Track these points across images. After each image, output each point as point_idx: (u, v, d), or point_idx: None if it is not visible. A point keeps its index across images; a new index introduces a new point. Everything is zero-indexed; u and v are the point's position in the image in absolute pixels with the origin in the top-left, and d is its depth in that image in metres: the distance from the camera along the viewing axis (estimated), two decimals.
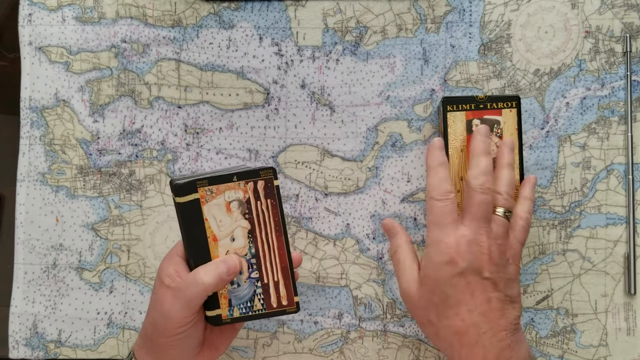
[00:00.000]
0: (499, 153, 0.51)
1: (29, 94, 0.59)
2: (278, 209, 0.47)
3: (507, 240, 0.48)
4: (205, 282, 0.45)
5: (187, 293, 0.45)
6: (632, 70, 0.57)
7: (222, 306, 0.47)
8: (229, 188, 0.46)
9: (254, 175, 0.46)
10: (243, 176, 0.46)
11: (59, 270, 0.58)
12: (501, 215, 0.48)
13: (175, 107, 0.58)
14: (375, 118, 0.58)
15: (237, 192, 0.46)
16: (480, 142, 0.50)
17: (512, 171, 0.50)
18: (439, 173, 0.49)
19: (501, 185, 0.49)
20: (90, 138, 0.58)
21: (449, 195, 0.48)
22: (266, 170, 0.47)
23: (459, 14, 0.58)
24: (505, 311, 0.46)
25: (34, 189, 0.58)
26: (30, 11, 0.59)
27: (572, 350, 0.56)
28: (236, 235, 0.47)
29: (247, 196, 0.47)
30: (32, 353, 0.57)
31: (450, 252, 0.46)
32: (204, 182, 0.46)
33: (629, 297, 0.56)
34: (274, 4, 0.58)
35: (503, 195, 0.49)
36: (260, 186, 0.47)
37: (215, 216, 0.47)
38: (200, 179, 0.46)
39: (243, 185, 0.47)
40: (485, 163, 0.49)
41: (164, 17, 0.58)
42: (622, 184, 0.57)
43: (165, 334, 0.46)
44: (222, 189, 0.46)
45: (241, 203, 0.47)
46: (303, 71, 0.58)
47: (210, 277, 0.45)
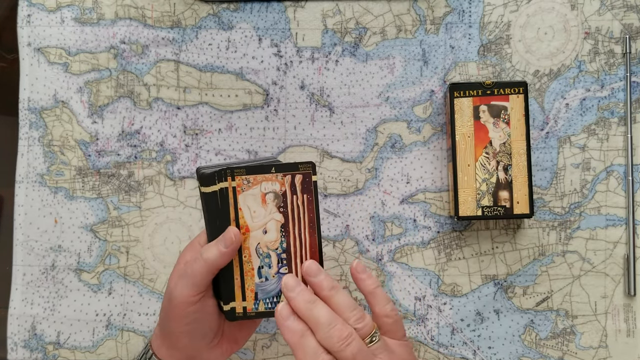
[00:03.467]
0: (311, 287, 0.45)
1: (27, 95, 0.58)
2: (314, 205, 0.46)
3: (393, 356, 0.44)
4: (204, 257, 0.44)
5: (188, 271, 0.45)
6: (632, 71, 0.57)
7: (247, 299, 0.46)
8: (266, 179, 0.45)
9: (292, 168, 0.45)
10: (281, 168, 0.45)
11: (58, 271, 0.58)
12: (374, 342, 0.43)
13: (175, 108, 0.58)
14: (374, 119, 0.58)
15: (274, 184, 0.46)
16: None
17: (338, 294, 0.45)
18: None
19: (346, 318, 0.44)
20: (89, 139, 0.58)
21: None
22: (305, 165, 0.45)
23: (459, 15, 0.58)
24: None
25: (33, 190, 0.58)
26: (29, 12, 0.59)
27: (572, 352, 0.56)
28: (269, 228, 0.46)
29: (284, 189, 0.46)
30: (31, 355, 0.57)
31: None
32: (241, 171, 0.45)
33: (628, 298, 0.56)
34: (273, 5, 0.58)
35: (358, 327, 0.44)
36: (297, 180, 0.46)
37: (250, 206, 0.46)
38: (239, 167, 0.45)
39: (281, 178, 0.45)
40: (322, 316, 0.43)
41: (163, 18, 0.58)
42: (621, 185, 0.57)
43: (174, 318, 0.45)
44: (259, 179, 0.45)
45: (277, 196, 0.46)
46: (302, 72, 0.58)
47: (210, 252, 0.44)
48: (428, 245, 0.57)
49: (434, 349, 0.57)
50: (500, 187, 0.53)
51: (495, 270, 0.57)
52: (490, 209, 0.53)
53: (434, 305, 0.57)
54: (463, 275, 0.57)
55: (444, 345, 0.56)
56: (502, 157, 0.53)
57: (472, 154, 0.53)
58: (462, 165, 0.53)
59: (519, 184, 0.53)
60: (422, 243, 0.57)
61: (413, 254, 0.57)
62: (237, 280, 0.46)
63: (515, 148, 0.53)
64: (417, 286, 0.57)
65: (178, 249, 0.58)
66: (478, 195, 0.53)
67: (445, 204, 0.57)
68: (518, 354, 0.56)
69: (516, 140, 0.53)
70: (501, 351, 0.56)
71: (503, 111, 0.53)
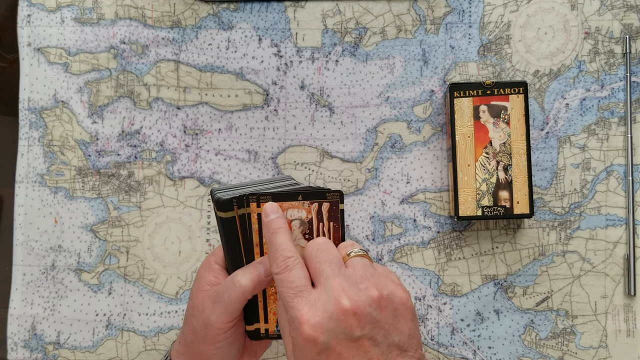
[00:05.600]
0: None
1: (27, 95, 0.58)
2: (340, 233, 0.45)
3: (376, 277, 0.39)
4: (242, 284, 0.43)
5: (225, 297, 0.44)
6: (632, 71, 0.57)
7: (270, 321, 0.46)
8: (293, 207, 0.44)
9: (320, 196, 0.44)
10: (309, 196, 0.44)
11: (58, 271, 0.58)
12: (356, 255, 0.41)
13: (175, 108, 0.58)
14: (374, 119, 0.58)
15: (300, 211, 0.45)
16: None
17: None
18: (274, 242, 0.42)
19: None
20: (89, 139, 0.58)
21: (287, 263, 0.40)
22: (333, 193, 0.45)
23: (459, 15, 0.58)
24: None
25: (33, 190, 0.58)
26: (29, 12, 0.59)
27: (572, 352, 0.56)
28: None
29: (310, 217, 0.45)
30: (31, 355, 0.57)
31: (305, 329, 0.37)
32: (267, 198, 0.44)
33: (628, 298, 0.56)
34: (273, 5, 0.58)
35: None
36: (324, 208, 0.45)
37: None
38: (264, 194, 0.44)
39: (307, 206, 0.44)
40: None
41: (163, 18, 0.58)
42: (621, 185, 0.57)
43: (207, 341, 0.44)
44: (285, 206, 0.44)
45: (303, 223, 0.45)
46: (302, 72, 0.58)
47: (247, 279, 0.43)
48: (428, 245, 0.57)
49: (434, 349, 0.57)
50: (500, 187, 0.53)
51: (495, 270, 0.57)
52: (490, 209, 0.53)
53: (434, 305, 0.57)
54: (463, 275, 0.57)
55: (444, 345, 0.56)
56: (502, 157, 0.53)
57: (472, 154, 0.53)
58: (462, 165, 0.53)
59: (519, 184, 0.53)
60: (422, 243, 0.57)
61: (413, 254, 0.57)
62: (260, 303, 0.46)
63: (515, 148, 0.53)
64: (417, 286, 0.57)
65: (178, 249, 0.58)
66: (478, 195, 0.53)
67: (445, 204, 0.57)
68: (518, 354, 0.56)
69: (516, 140, 0.53)
70: (501, 351, 0.56)
71: (503, 111, 0.53)
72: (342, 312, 0.37)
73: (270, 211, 0.43)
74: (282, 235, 0.42)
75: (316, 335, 0.37)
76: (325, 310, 0.37)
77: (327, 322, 0.37)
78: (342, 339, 0.37)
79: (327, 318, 0.37)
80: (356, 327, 0.37)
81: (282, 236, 0.42)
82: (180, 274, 0.58)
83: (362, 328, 0.37)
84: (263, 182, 0.49)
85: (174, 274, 0.58)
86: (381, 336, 0.37)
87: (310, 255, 0.41)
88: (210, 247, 0.58)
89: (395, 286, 0.39)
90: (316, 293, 0.38)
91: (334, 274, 0.39)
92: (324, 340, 0.37)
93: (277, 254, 0.41)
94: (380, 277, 0.39)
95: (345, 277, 0.39)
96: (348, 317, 0.37)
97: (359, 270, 0.39)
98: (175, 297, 0.58)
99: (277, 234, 0.42)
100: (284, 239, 0.41)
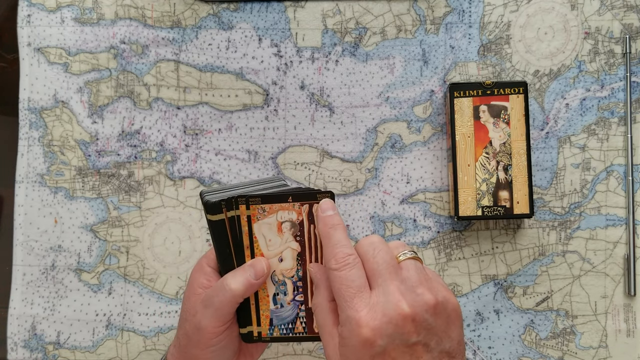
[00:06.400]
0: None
1: (27, 95, 0.58)
2: None
3: (429, 281, 0.39)
4: (232, 288, 0.43)
5: (215, 301, 0.43)
6: (632, 71, 0.57)
7: (262, 324, 0.46)
8: (283, 208, 0.44)
9: (310, 197, 0.44)
10: (299, 198, 0.44)
11: (58, 271, 0.58)
12: (409, 257, 0.40)
13: (175, 108, 0.58)
14: (374, 119, 0.58)
15: (290, 213, 0.44)
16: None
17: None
18: (332, 238, 0.41)
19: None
20: (89, 139, 0.58)
21: (347, 260, 0.39)
22: (324, 194, 0.44)
23: (459, 15, 0.58)
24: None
25: (33, 190, 0.58)
26: (29, 12, 0.59)
27: (572, 352, 0.56)
28: (285, 256, 0.45)
29: (301, 218, 0.44)
30: (31, 355, 0.57)
31: (364, 332, 0.37)
32: (257, 200, 0.44)
33: (628, 298, 0.56)
34: (273, 5, 0.58)
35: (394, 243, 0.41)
36: (315, 209, 0.44)
37: (265, 235, 0.45)
38: (254, 196, 0.44)
39: (298, 207, 0.44)
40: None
41: (163, 18, 0.58)
42: (621, 185, 0.57)
43: (199, 345, 0.44)
44: (275, 208, 0.44)
45: (293, 224, 0.44)
46: (302, 72, 0.58)
47: (237, 283, 0.43)
48: (428, 245, 0.57)
49: None
50: (500, 187, 0.53)
51: (495, 270, 0.57)
52: (490, 209, 0.53)
53: None
54: (463, 275, 0.57)
55: None
56: (502, 157, 0.53)
57: (472, 154, 0.53)
58: (462, 165, 0.53)
59: (519, 184, 0.53)
60: (422, 243, 0.57)
61: None
62: (252, 306, 0.46)
63: (515, 148, 0.53)
64: None
65: (178, 249, 0.58)
66: (478, 195, 0.53)
67: (445, 204, 0.57)
68: (518, 354, 0.56)
69: (516, 140, 0.53)
70: (501, 351, 0.56)
71: (503, 111, 0.53)
72: (402, 318, 0.36)
73: (327, 207, 0.43)
74: (341, 232, 0.41)
75: (374, 339, 0.36)
76: (385, 315, 0.37)
77: (386, 326, 0.36)
78: (399, 344, 0.36)
79: (386, 322, 0.36)
80: (413, 333, 0.37)
81: (341, 232, 0.41)
82: (180, 274, 0.58)
83: (418, 334, 0.37)
84: (252, 184, 0.49)
85: (174, 274, 0.58)
86: (434, 342, 0.37)
87: (366, 254, 0.40)
88: (210, 248, 0.58)
89: (447, 291, 0.39)
90: (375, 295, 0.38)
91: (392, 277, 0.38)
92: (382, 344, 0.36)
93: (336, 250, 0.40)
94: (433, 282, 0.39)
95: (402, 280, 0.38)
96: (407, 323, 0.36)
97: (413, 273, 0.39)
98: (175, 297, 0.58)
99: (336, 230, 0.41)
100: (343, 236, 0.41)
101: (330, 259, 0.40)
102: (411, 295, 0.37)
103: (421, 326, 0.37)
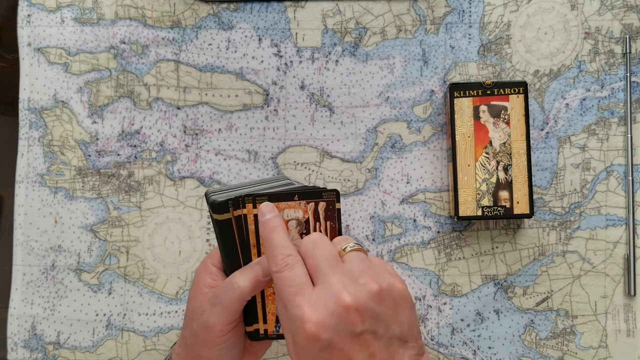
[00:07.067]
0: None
1: (27, 95, 0.58)
2: (337, 232, 0.45)
3: (373, 270, 0.39)
4: (241, 286, 0.43)
5: (223, 299, 0.43)
6: (632, 71, 0.57)
7: (268, 322, 0.46)
8: (289, 207, 0.44)
9: (316, 196, 0.44)
10: (305, 196, 0.44)
11: (58, 271, 0.58)
12: (352, 249, 0.40)
13: (175, 108, 0.58)
14: (374, 119, 0.58)
15: (296, 211, 0.44)
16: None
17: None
18: (271, 240, 0.41)
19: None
20: (89, 139, 0.58)
21: (287, 261, 0.39)
22: (329, 192, 0.44)
23: (459, 15, 0.58)
24: (396, 356, 0.37)
25: (33, 190, 0.58)
26: (29, 12, 0.59)
27: (572, 352, 0.56)
28: None
29: (307, 216, 0.44)
30: (31, 355, 0.57)
31: (307, 327, 0.36)
32: (263, 199, 0.44)
33: (628, 298, 0.56)
34: (273, 5, 0.58)
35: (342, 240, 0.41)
36: (321, 207, 0.45)
37: None
38: (260, 194, 0.44)
39: (304, 205, 0.44)
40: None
41: (163, 18, 0.58)
42: (621, 185, 0.57)
43: (207, 344, 0.44)
44: (281, 207, 0.44)
45: (299, 223, 0.45)
46: (302, 72, 0.58)
47: (245, 280, 0.43)
48: (428, 245, 0.57)
49: (434, 349, 0.57)
50: (500, 187, 0.53)
51: (495, 270, 0.57)
52: (490, 209, 0.53)
53: (434, 305, 0.57)
54: (463, 275, 0.57)
55: (444, 345, 0.56)
56: (502, 157, 0.53)
57: (472, 154, 0.53)
58: (462, 165, 0.53)
59: (519, 184, 0.53)
60: (422, 243, 0.57)
61: (413, 254, 0.57)
62: (258, 304, 0.46)
63: (515, 148, 0.53)
64: (417, 286, 0.57)
65: (178, 249, 0.58)
66: (478, 195, 0.53)
67: (445, 204, 0.57)
68: (518, 354, 0.56)
69: (516, 140, 0.53)
70: (501, 351, 0.56)
71: (503, 111, 0.53)
72: (344, 309, 0.36)
73: (266, 211, 0.43)
74: (280, 234, 0.41)
75: (319, 333, 0.36)
76: (327, 308, 0.36)
77: (329, 319, 0.36)
78: (345, 335, 0.36)
79: (329, 315, 0.36)
80: (358, 323, 0.36)
81: (279, 235, 0.41)
82: (180, 274, 0.58)
83: (364, 323, 0.36)
84: (258, 183, 0.49)
85: (174, 274, 0.58)
86: (382, 329, 0.37)
87: (306, 252, 0.40)
88: (210, 247, 0.58)
89: (392, 277, 0.39)
90: (316, 291, 0.38)
91: (333, 270, 0.38)
92: (327, 337, 0.36)
93: (276, 252, 0.40)
94: (377, 269, 0.39)
95: (344, 272, 0.38)
96: (350, 313, 0.36)
97: (356, 264, 0.39)
98: (175, 297, 0.58)
99: (274, 233, 0.41)
100: (282, 237, 0.41)
101: (270, 262, 0.40)
102: (353, 286, 0.37)
103: (366, 315, 0.37)
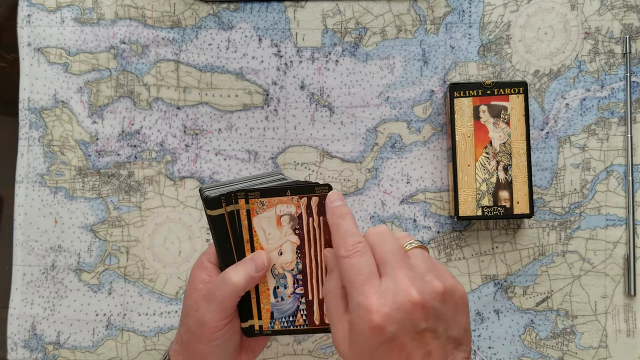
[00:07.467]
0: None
1: (27, 95, 0.58)
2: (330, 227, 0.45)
3: (437, 269, 0.39)
4: (234, 282, 0.43)
5: (217, 295, 0.44)
6: (632, 71, 0.57)
7: (263, 318, 0.46)
8: (282, 202, 0.45)
9: (308, 190, 0.44)
10: (297, 191, 0.44)
11: (58, 271, 0.58)
12: (416, 247, 0.41)
13: (175, 108, 0.58)
14: (374, 119, 0.58)
15: (289, 206, 0.45)
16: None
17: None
18: (341, 227, 0.42)
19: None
20: (89, 139, 0.58)
21: (357, 248, 0.40)
22: (322, 187, 0.44)
23: (459, 15, 0.58)
24: (449, 357, 0.38)
25: (33, 190, 0.58)
26: (29, 12, 0.59)
27: (572, 352, 0.56)
28: (284, 250, 0.45)
29: (300, 211, 0.45)
30: (31, 355, 0.57)
31: (374, 318, 0.37)
32: (255, 194, 0.44)
33: (628, 298, 0.56)
34: (273, 5, 0.58)
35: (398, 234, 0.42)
36: (313, 202, 0.45)
37: (265, 228, 0.45)
38: (252, 190, 0.44)
39: (296, 200, 0.44)
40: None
41: (163, 18, 0.58)
42: (621, 185, 0.57)
43: (202, 340, 0.44)
44: (274, 202, 0.44)
45: (292, 218, 0.45)
46: (302, 72, 0.58)
47: (239, 276, 0.44)
48: (428, 245, 0.57)
49: None
50: (500, 187, 0.53)
51: (495, 270, 0.57)
52: (490, 209, 0.53)
53: None
54: (463, 275, 0.57)
55: None
56: (502, 157, 0.53)
57: (472, 154, 0.53)
58: (462, 165, 0.53)
59: (519, 184, 0.53)
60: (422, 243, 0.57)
61: None
62: (253, 300, 0.46)
63: (515, 148, 0.53)
64: None
65: (178, 249, 0.58)
66: (478, 195, 0.53)
67: (445, 204, 0.57)
68: (518, 354, 0.56)
69: (516, 140, 0.54)
70: (501, 351, 0.56)
71: (503, 111, 0.53)
72: (411, 304, 0.37)
73: (335, 198, 0.43)
74: (350, 221, 0.42)
75: (385, 325, 0.36)
76: (395, 301, 0.37)
77: (395, 313, 0.36)
78: (408, 330, 0.37)
79: (396, 309, 0.36)
80: (422, 320, 0.37)
81: (349, 221, 0.42)
82: (180, 274, 0.58)
83: (427, 321, 0.37)
84: (251, 179, 0.49)
85: (174, 274, 0.58)
86: (442, 329, 0.37)
87: (374, 243, 0.40)
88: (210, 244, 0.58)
89: (454, 280, 0.39)
90: (384, 282, 0.38)
91: (400, 265, 0.38)
92: (392, 330, 0.36)
93: (346, 238, 0.40)
94: (440, 269, 0.39)
95: (410, 268, 0.39)
96: (416, 309, 0.37)
97: (421, 261, 0.39)
98: (175, 297, 0.58)
99: (345, 219, 0.42)
100: (352, 224, 0.41)
101: (340, 247, 0.40)
102: (420, 282, 0.38)
103: (430, 313, 0.37)
